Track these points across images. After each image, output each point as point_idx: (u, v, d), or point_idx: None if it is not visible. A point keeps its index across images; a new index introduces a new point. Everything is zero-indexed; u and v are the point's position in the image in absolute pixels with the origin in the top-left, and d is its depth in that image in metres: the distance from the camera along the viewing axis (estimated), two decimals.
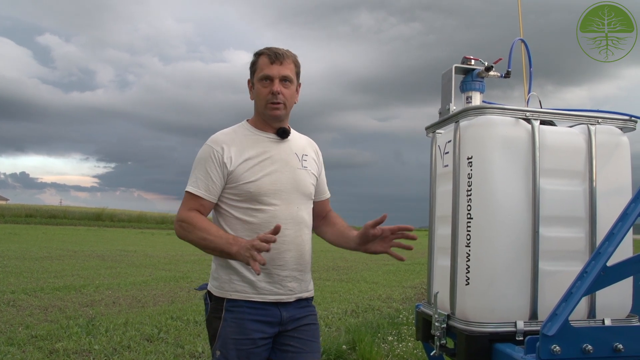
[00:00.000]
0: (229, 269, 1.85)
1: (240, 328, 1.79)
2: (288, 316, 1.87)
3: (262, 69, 1.85)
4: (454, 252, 1.96)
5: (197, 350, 4.36)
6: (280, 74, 1.83)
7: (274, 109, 1.85)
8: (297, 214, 1.88)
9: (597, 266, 1.55)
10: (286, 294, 1.86)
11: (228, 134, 1.91)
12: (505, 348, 1.74)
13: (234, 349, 1.77)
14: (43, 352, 4.14)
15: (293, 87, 1.89)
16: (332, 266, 12.28)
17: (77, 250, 14.34)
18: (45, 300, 6.50)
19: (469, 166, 1.92)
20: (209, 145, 1.87)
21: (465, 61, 2.16)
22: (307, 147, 2.02)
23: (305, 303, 1.96)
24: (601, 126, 1.99)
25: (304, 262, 1.91)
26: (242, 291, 1.82)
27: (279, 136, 1.91)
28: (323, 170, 2.11)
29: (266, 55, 1.85)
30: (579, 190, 1.95)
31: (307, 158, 1.98)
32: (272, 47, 1.87)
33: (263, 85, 1.85)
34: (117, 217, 39.13)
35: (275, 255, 1.82)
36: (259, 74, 1.86)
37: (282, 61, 1.84)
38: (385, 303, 7.21)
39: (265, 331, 1.82)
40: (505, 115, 1.91)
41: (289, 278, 1.86)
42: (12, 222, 30.42)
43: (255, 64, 1.89)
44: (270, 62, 1.84)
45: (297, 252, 1.88)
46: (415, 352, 4.27)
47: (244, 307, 1.81)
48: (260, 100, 1.87)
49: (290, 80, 1.87)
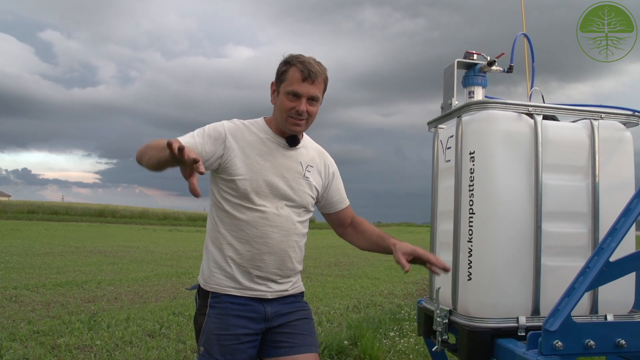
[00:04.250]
0: (211, 262, 1.85)
1: (224, 324, 1.78)
2: (273, 312, 1.84)
3: (291, 82, 1.77)
4: (456, 247, 1.96)
5: None
6: (309, 93, 1.77)
7: (294, 125, 1.81)
8: (287, 221, 1.85)
9: (600, 262, 1.55)
10: (266, 291, 1.84)
11: (242, 124, 1.89)
12: (507, 343, 1.74)
13: (217, 345, 1.76)
14: (45, 348, 4.15)
15: (318, 105, 1.84)
16: (334, 262, 12.29)
17: (79, 247, 14.37)
18: (47, 296, 6.51)
19: (471, 161, 1.91)
20: (222, 124, 1.84)
21: (467, 56, 2.15)
22: (315, 159, 1.98)
23: (293, 299, 1.93)
24: (604, 121, 1.98)
25: (286, 268, 1.87)
26: (223, 285, 1.82)
27: (288, 143, 1.88)
28: (337, 181, 2.06)
29: (299, 70, 1.76)
30: (581, 185, 1.94)
31: (312, 170, 1.94)
32: (305, 61, 1.77)
33: (289, 99, 1.78)
34: (119, 214, 39.22)
35: (255, 255, 1.81)
36: (287, 87, 1.78)
37: (314, 80, 1.77)
38: (387, 299, 7.21)
39: (249, 327, 1.80)
40: (507, 110, 1.90)
41: (263, 279, 1.83)
42: (14, 218, 30.52)
43: (285, 73, 1.80)
44: (302, 79, 1.75)
45: (279, 257, 1.84)
46: (417, 348, 4.27)
47: (227, 303, 1.81)
48: (282, 112, 1.81)
49: (317, 99, 1.81)
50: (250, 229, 1.80)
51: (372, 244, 2.01)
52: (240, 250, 1.81)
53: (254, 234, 1.81)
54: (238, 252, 1.81)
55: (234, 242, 1.82)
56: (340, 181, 2.08)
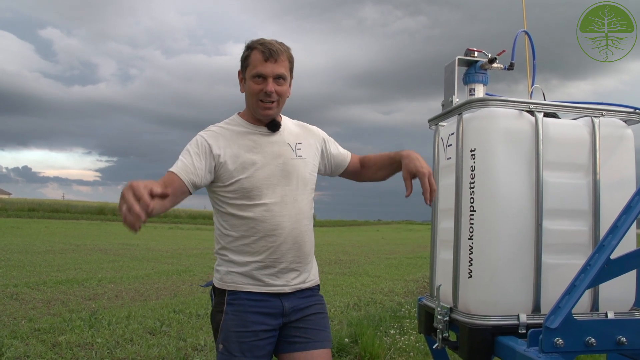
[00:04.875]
0: (228, 261, 1.84)
1: (242, 320, 1.78)
2: (290, 306, 1.84)
3: (255, 65, 1.77)
4: (457, 245, 1.95)
5: (199, 343, 4.37)
6: (274, 72, 1.76)
7: (265, 109, 1.80)
8: (294, 206, 1.84)
9: (601, 259, 1.54)
10: (285, 285, 1.84)
11: (219, 127, 1.88)
12: (508, 341, 1.74)
13: (236, 342, 1.76)
14: (46, 345, 4.16)
15: (287, 84, 1.83)
16: (334, 260, 12.31)
17: (80, 244, 14.39)
18: (48, 293, 6.53)
19: (472, 159, 1.91)
20: (201, 136, 1.84)
21: (468, 53, 2.14)
22: (301, 134, 1.96)
23: (310, 292, 1.93)
24: (605, 119, 1.98)
25: (302, 254, 1.88)
26: (241, 282, 1.81)
27: (270, 129, 1.87)
28: (330, 143, 2.06)
29: (260, 51, 1.76)
30: (582, 183, 1.94)
31: (302, 146, 1.92)
32: (266, 42, 1.78)
33: (256, 83, 1.78)
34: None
35: (271, 249, 1.80)
36: (251, 71, 1.78)
37: (276, 59, 1.76)
38: (387, 296, 7.22)
39: (267, 323, 1.80)
40: (508, 108, 1.90)
41: (286, 270, 1.83)
42: (14, 216, 30.52)
43: (248, 58, 1.80)
44: (264, 60, 1.75)
45: (295, 244, 1.84)
46: (418, 346, 4.28)
47: (244, 300, 1.80)
48: (251, 97, 1.81)
49: (284, 77, 1.80)
50: (260, 224, 1.79)
51: (385, 168, 2.05)
52: (257, 248, 1.80)
53: (265, 228, 1.79)
54: (255, 250, 1.80)
55: (248, 242, 1.81)
56: (333, 141, 2.09)
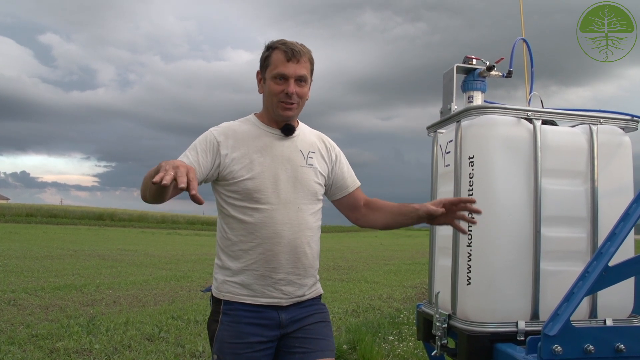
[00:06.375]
0: (225, 269, 1.80)
1: (236, 332, 1.73)
2: (287, 318, 1.79)
3: (276, 65, 1.74)
4: (455, 252, 1.96)
5: (197, 349, 4.35)
6: (296, 73, 1.73)
7: (286, 109, 1.76)
8: (297, 215, 1.79)
9: (599, 266, 1.55)
10: (281, 298, 1.77)
11: (232, 126, 1.84)
12: (506, 348, 1.74)
13: (230, 354, 1.72)
14: (44, 352, 4.14)
15: (307, 86, 1.79)
16: (332, 266, 12.28)
17: (78, 250, 14.34)
18: (45, 299, 6.50)
19: (470, 166, 1.91)
20: (211, 132, 1.80)
21: (466, 60, 2.15)
22: (316, 144, 1.91)
23: (309, 302, 1.86)
24: (603, 126, 1.99)
25: (302, 265, 1.81)
26: (236, 293, 1.77)
27: (284, 133, 1.83)
28: (342, 163, 1.98)
29: (282, 51, 1.72)
30: (580, 190, 1.94)
31: (314, 155, 1.87)
32: (288, 42, 1.74)
33: (276, 83, 1.74)
34: (117, 217, 39.13)
35: (269, 257, 1.75)
36: (272, 71, 1.74)
37: (298, 59, 1.73)
38: (386, 303, 7.20)
39: (263, 334, 1.75)
40: (507, 115, 1.91)
41: (283, 281, 1.77)
42: (12, 221, 30.43)
43: (269, 58, 1.77)
44: (286, 60, 1.72)
45: (294, 254, 1.78)
46: (416, 352, 4.26)
47: (240, 310, 1.75)
48: (271, 97, 1.77)
49: (305, 79, 1.77)
50: (260, 230, 1.74)
51: (394, 215, 1.89)
52: (253, 255, 1.75)
53: (264, 235, 1.74)
54: (251, 257, 1.76)
55: (246, 247, 1.76)
56: (346, 162, 2.00)
